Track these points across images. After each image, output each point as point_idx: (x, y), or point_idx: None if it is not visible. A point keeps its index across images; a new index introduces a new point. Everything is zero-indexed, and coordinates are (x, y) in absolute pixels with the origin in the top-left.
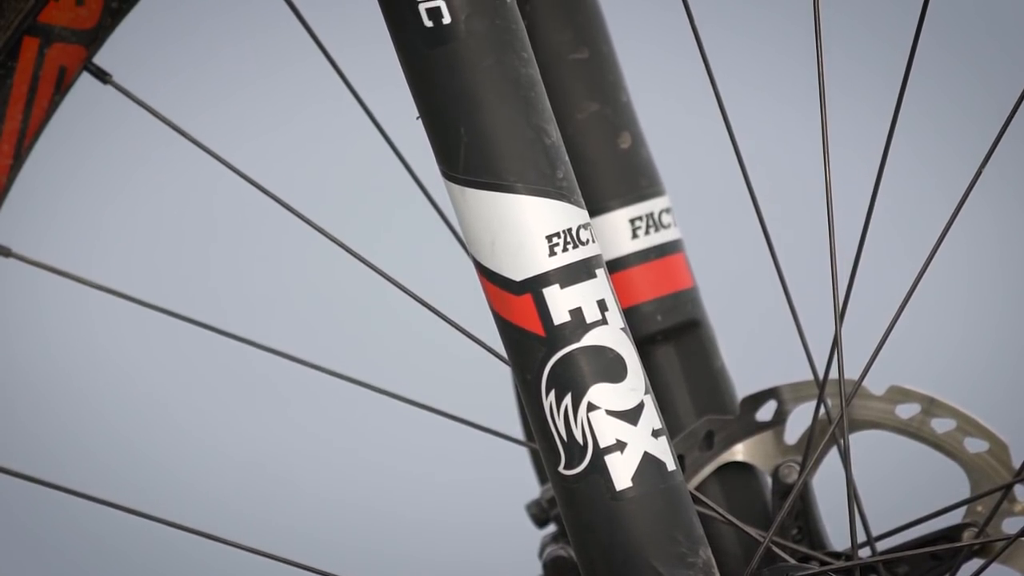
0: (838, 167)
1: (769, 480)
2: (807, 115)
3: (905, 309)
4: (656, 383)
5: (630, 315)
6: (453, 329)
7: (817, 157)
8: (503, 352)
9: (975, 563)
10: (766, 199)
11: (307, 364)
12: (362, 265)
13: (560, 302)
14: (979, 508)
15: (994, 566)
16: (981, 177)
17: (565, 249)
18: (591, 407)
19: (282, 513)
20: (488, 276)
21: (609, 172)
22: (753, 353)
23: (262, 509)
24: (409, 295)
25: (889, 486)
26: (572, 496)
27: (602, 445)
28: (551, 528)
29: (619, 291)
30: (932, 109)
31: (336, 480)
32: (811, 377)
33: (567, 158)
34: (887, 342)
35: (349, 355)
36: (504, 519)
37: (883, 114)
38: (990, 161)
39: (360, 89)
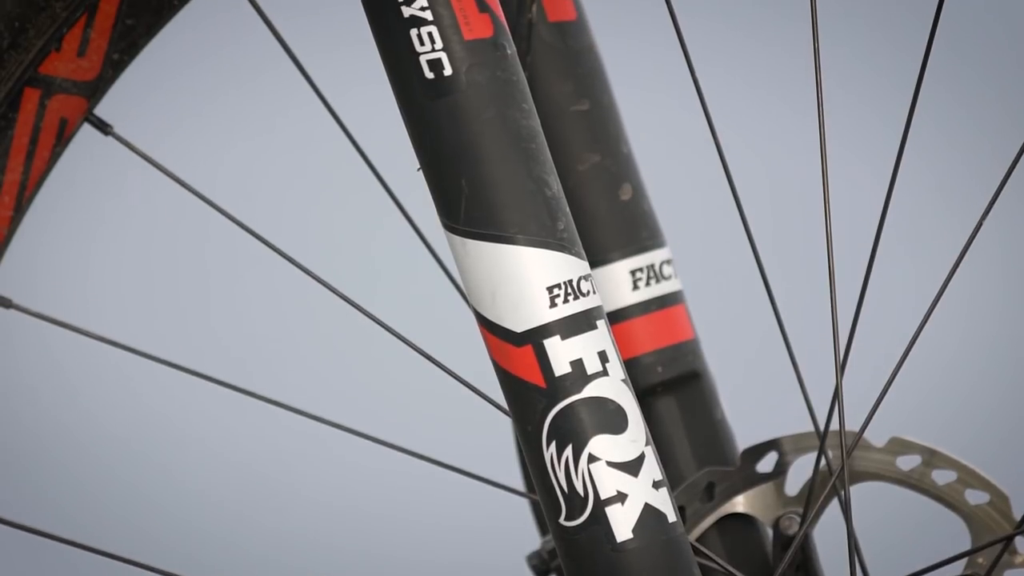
0: (843, 200)
1: (770, 531)
2: (809, 160)
3: (907, 359)
4: (657, 434)
5: (631, 366)
6: (452, 379)
7: (819, 198)
8: (503, 403)
9: None
10: (767, 246)
11: (307, 415)
12: (360, 314)
13: (561, 353)
14: (980, 560)
15: None
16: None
17: (566, 300)
18: (592, 459)
19: (281, 517)
20: (489, 327)
21: (610, 224)
22: (754, 404)
23: (261, 512)
24: (409, 345)
25: (890, 537)
26: (573, 547)
27: (603, 496)
28: None
29: (620, 342)
30: (942, 143)
31: (335, 484)
32: (812, 428)
33: (568, 209)
34: (889, 391)
35: (348, 401)
36: (504, 523)
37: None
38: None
39: (361, 139)
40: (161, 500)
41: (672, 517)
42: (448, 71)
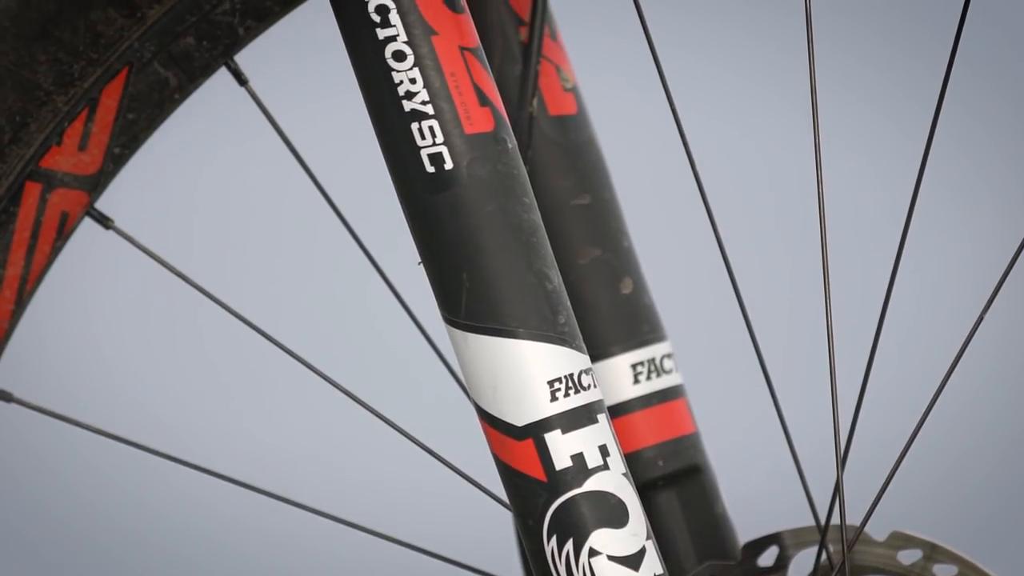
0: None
1: None
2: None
3: (909, 451)
4: (658, 528)
5: (632, 460)
6: (452, 472)
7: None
8: (504, 496)
9: None
10: (767, 336)
11: (306, 509)
12: (359, 406)
13: (562, 447)
14: None
15: None
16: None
17: (567, 394)
18: (593, 552)
19: (279, 522)
20: (489, 421)
21: (611, 317)
22: (755, 497)
23: (256, 518)
24: (410, 439)
25: None
26: None
27: None
28: None
29: (621, 436)
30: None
31: (334, 489)
32: (812, 522)
33: (569, 303)
34: (891, 481)
35: (348, 489)
36: (502, 530)
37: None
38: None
39: (361, 232)
40: (158, 502)
41: None
42: (449, 165)
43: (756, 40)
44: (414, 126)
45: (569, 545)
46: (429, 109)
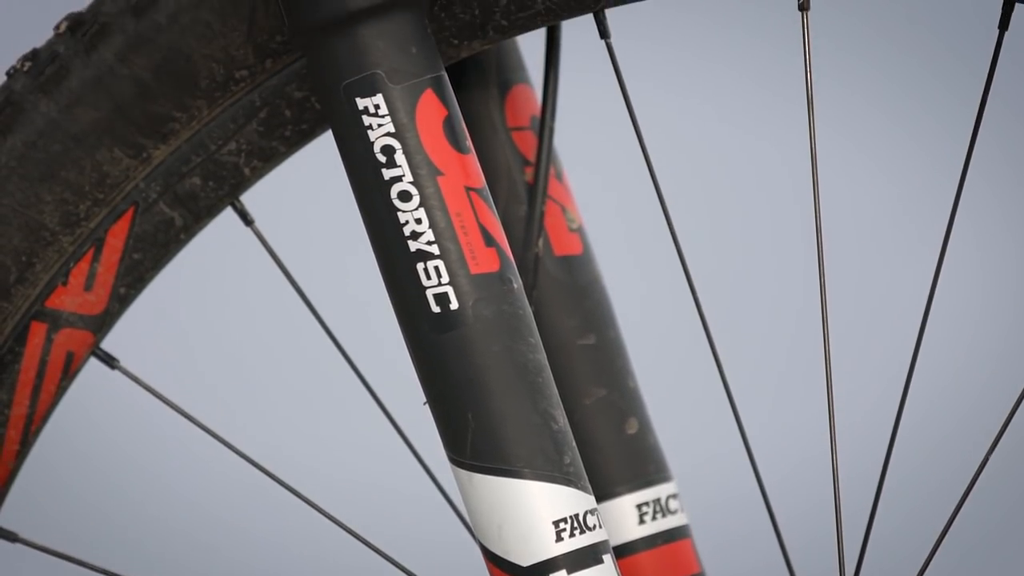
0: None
1: None
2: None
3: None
4: None
5: None
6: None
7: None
8: None
9: None
10: (772, 475)
11: None
12: (361, 544)
13: None
14: None
15: None
16: None
17: (572, 535)
18: None
19: (277, 527)
20: (495, 562)
21: (616, 458)
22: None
23: (252, 522)
24: None
25: None
26: None
27: None
28: None
29: None
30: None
31: (333, 494)
32: None
33: (574, 443)
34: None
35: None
36: None
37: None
38: None
39: (367, 372)
40: (155, 505)
41: None
42: (455, 305)
43: (755, 41)
44: (419, 266)
45: None
46: (435, 249)
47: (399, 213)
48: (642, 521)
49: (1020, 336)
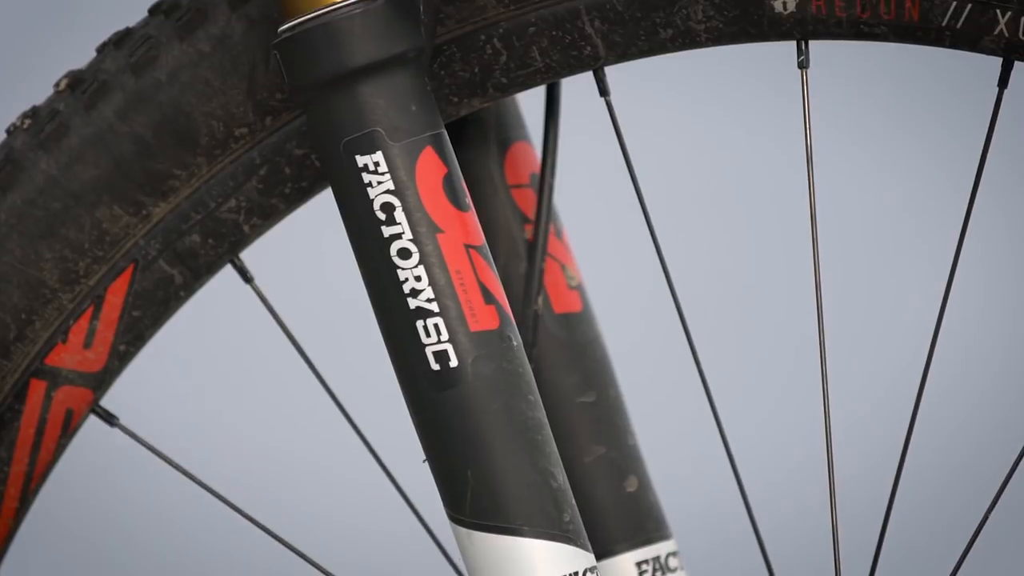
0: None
1: None
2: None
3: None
4: None
5: None
6: None
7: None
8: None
9: None
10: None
11: None
12: None
13: None
14: None
15: None
16: None
17: None
18: None
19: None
20: None
21: (616, 515)
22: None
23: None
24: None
25: None
26: None
27: None
28: None
29: None
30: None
31: (333, 498)
32: None
33: (574, 501)
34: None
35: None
36: None
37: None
38: None
39: (365, 428)
40: (152, 506)
41: None
42: (454, 363)
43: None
44: (419, 323)
45: None
46: (434, 307)
47: (399, 270)
48: None
49: (1021, 337)
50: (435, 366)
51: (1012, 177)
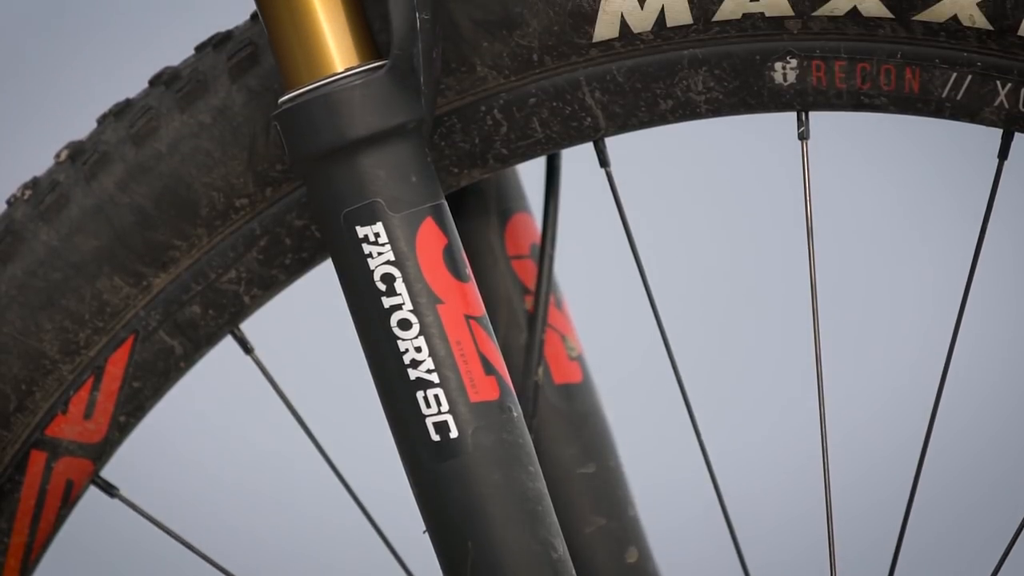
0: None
1: None
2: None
3: None
4: None
5: None
6: None
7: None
8: None
9: None
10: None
11: None
12: None
13: None
14: None
15: None
16: None
17: None
18: None
19: (276, 532)
20: None
21: None
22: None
23: (258, 528)
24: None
25: None
26: None
27: None
28: None
29: None
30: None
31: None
32: None
33: (574, 572)
34: None
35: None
36: None
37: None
38: None
39: (368, 501)
40: (152, 508)
41: None
42: (454, 433)
43: None
44: (419, 394)
45: None
46: (434, 378)
47: (399, 341)
48: None
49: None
50: (435, 437)
51: (1012, 178)
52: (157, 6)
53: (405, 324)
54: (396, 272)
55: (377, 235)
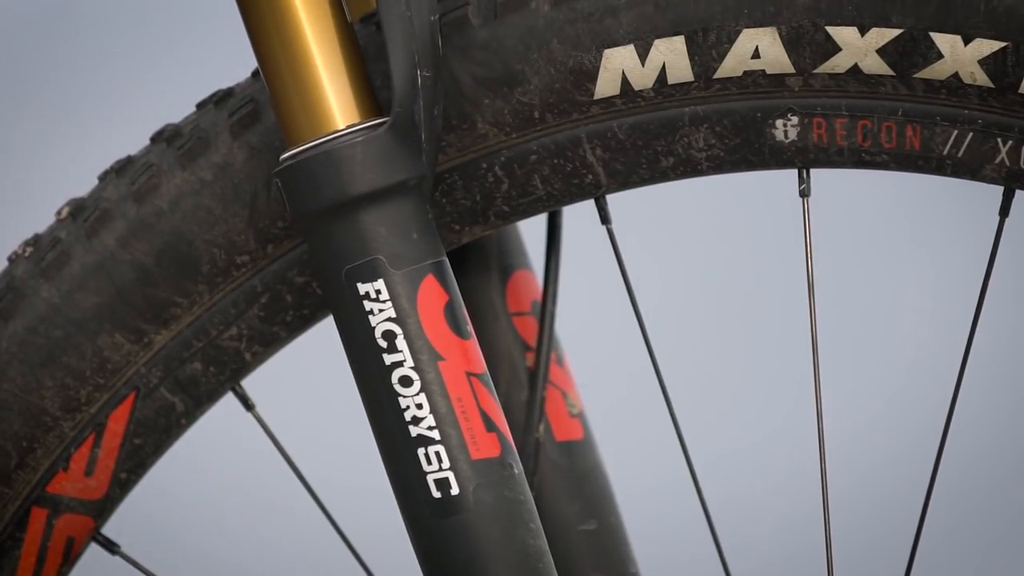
0: None
1: None
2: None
3: None
4: None
5: None
6: None
7: None
8: None
9: None
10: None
11: None
12: None
13: None
14: None
15: None
16: None
17: None
18: None
19: (276, 533)
20: None
21: None
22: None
23: (252, 527)
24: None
25: None
26: None
27: None
28: None
29: None
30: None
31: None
32: None
33: None
34: None
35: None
36: None
37: None
38: None
39: (369, 558)
40: (150, 508)
41: None
42: (455, 490)
43: None
44: (420, 451)
45: None
46: (435, 434)
47: (400, 398)
48: None
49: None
50: (436, 493)
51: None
52: (159, 63)
53: (406, 381)
54: (397, 329)
55: (378, 292)
